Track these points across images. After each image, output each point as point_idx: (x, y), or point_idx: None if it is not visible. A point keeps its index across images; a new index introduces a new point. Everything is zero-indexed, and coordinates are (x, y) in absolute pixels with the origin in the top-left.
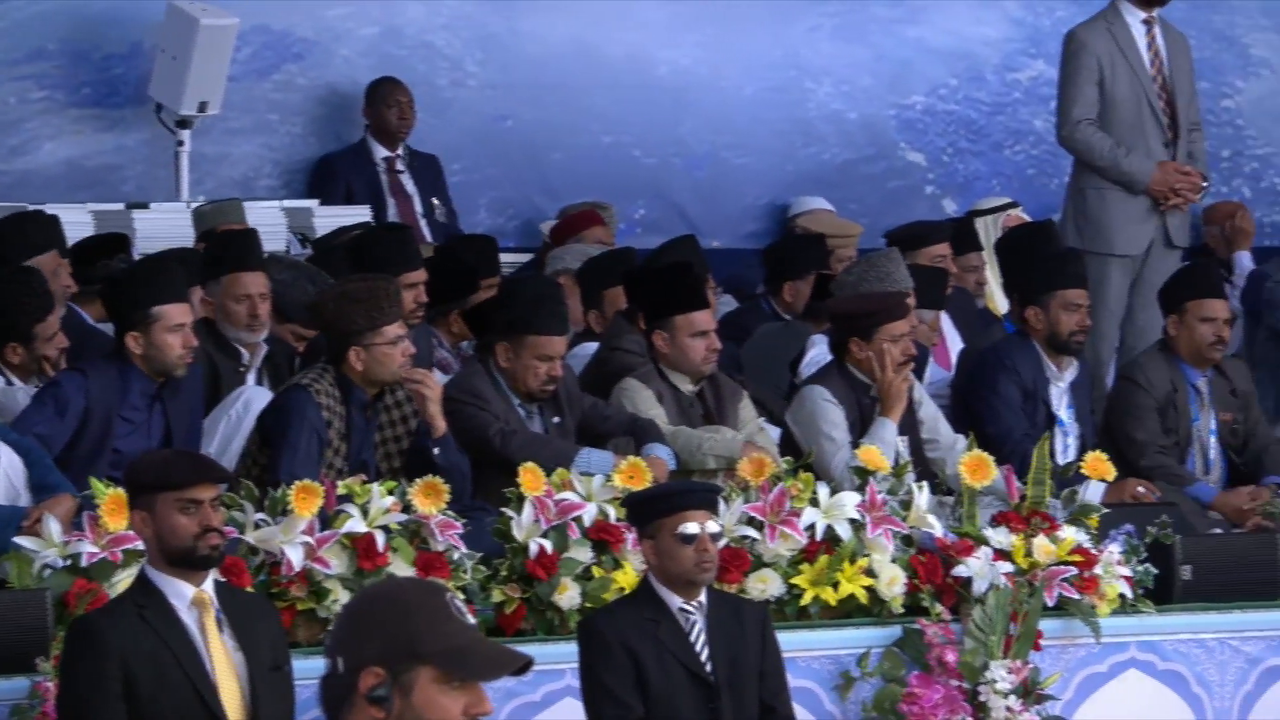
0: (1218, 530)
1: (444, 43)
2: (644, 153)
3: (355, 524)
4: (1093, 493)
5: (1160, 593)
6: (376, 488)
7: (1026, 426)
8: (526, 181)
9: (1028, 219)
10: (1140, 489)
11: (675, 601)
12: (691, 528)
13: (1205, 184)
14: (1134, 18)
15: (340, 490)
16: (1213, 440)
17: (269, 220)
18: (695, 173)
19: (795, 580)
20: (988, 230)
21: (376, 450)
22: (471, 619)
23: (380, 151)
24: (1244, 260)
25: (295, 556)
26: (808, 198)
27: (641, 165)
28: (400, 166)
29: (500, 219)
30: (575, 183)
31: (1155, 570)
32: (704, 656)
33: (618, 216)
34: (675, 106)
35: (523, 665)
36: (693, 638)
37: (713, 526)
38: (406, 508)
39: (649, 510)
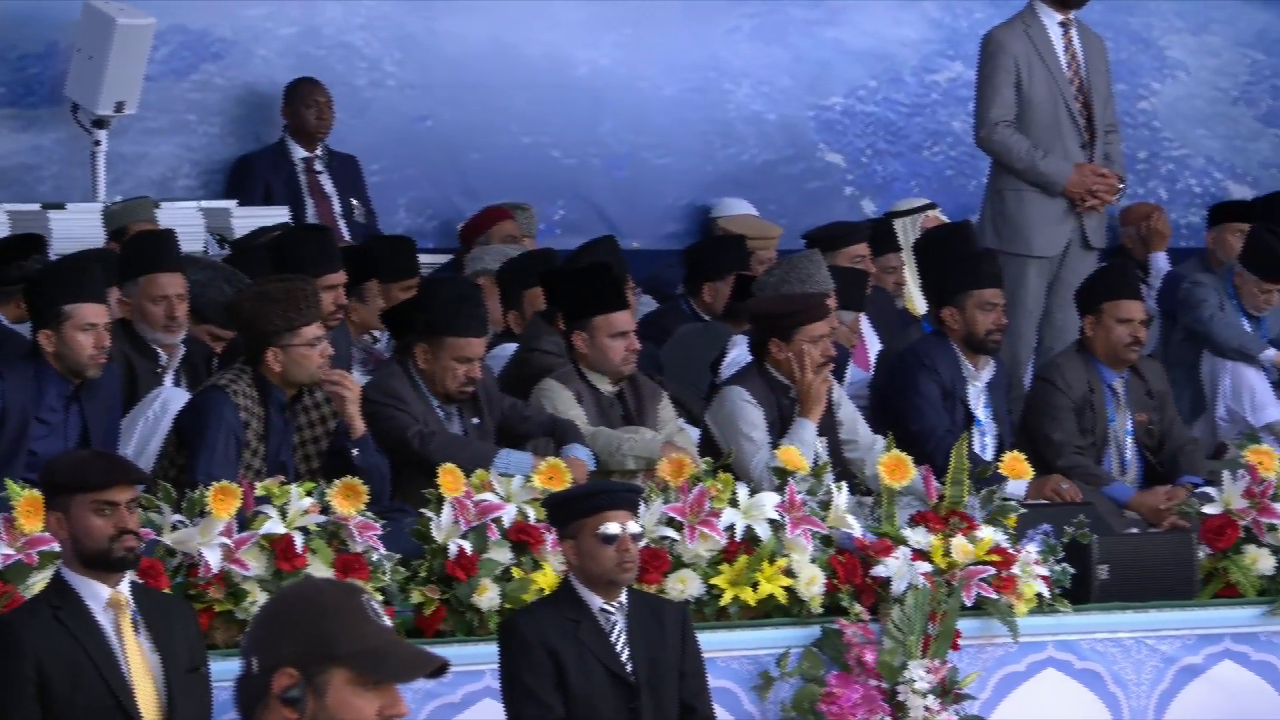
0: (1134, 530)
1: (362, 43)
2: (563, 153)
3: (273, 525)
4: (1014, 487)
5: (1077, 592)
6: (295, 489)
7: (947, 424)
8: (445, 182)
9: (946, 220)
10: (1064, 485)
11: (596, 602)
12: (613, 528)
13: (1122, 185)
14: (1051, 20)
15: (258, 491)
16: (1129, 440)
17: (186, 221)
18: (615, 173)
19: (714, 580)
20: (906, 231)
21: (295, 451)
22: (388, 621)
23: (299, 152)
24: (1160, 261)
25: (213, 558)
26: (730, 199)
27: (561, 166)
28: (319, 167)
29: (419, 219)
30: (494, 183)
31: (1072, 570)
32: (624, 657)
33: (537, 217)
34: (594, 107)
35: (438, 667)
36: (613, 638)
37: (634, 527)
38: (325, 509)
39: (570, 511)
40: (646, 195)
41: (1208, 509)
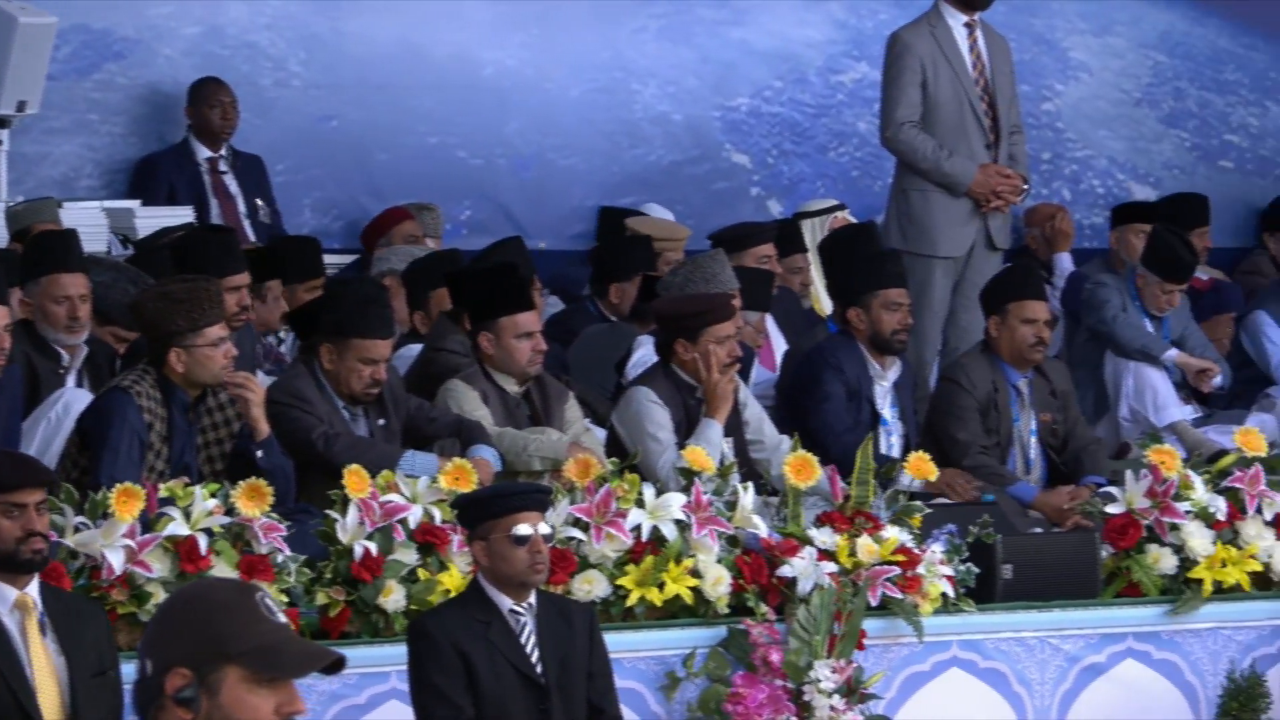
0: (1038, 530)
1: (268, 42)
2: (470, 153)
3: (177, 527)
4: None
5: (981, 592)
6: (199, 490)
7: (851, 424)
8: (351, 182)
9: (854, 221)
10: (960, 481)
11: (505, 603)
12: (525, 529)
13: (1026, 186)
14: (956, 21)
15: (162, 493)
16: (1033, 440)
17: (90, 221)
18: (521, 174)
19: (621, 581)
20: (813, 232)
21: (199, 453)
22: (284, 618)
23: (203, 152)
24: (1064, 262)
25: (116, 560)
26: (651, 205)
27: (467, 166)
28: (223, 167)
29: (325, 219)
30: (401, 183)
31: (977, 569)
32: (534, 658)
33: (443, 217)
34: (501, 107)
35: (333, 662)
36: (523, 639)
37: (544, 528)
38: (229, 510)
39: (482, 512)
40: (553, 196)
41: (1111, 509)
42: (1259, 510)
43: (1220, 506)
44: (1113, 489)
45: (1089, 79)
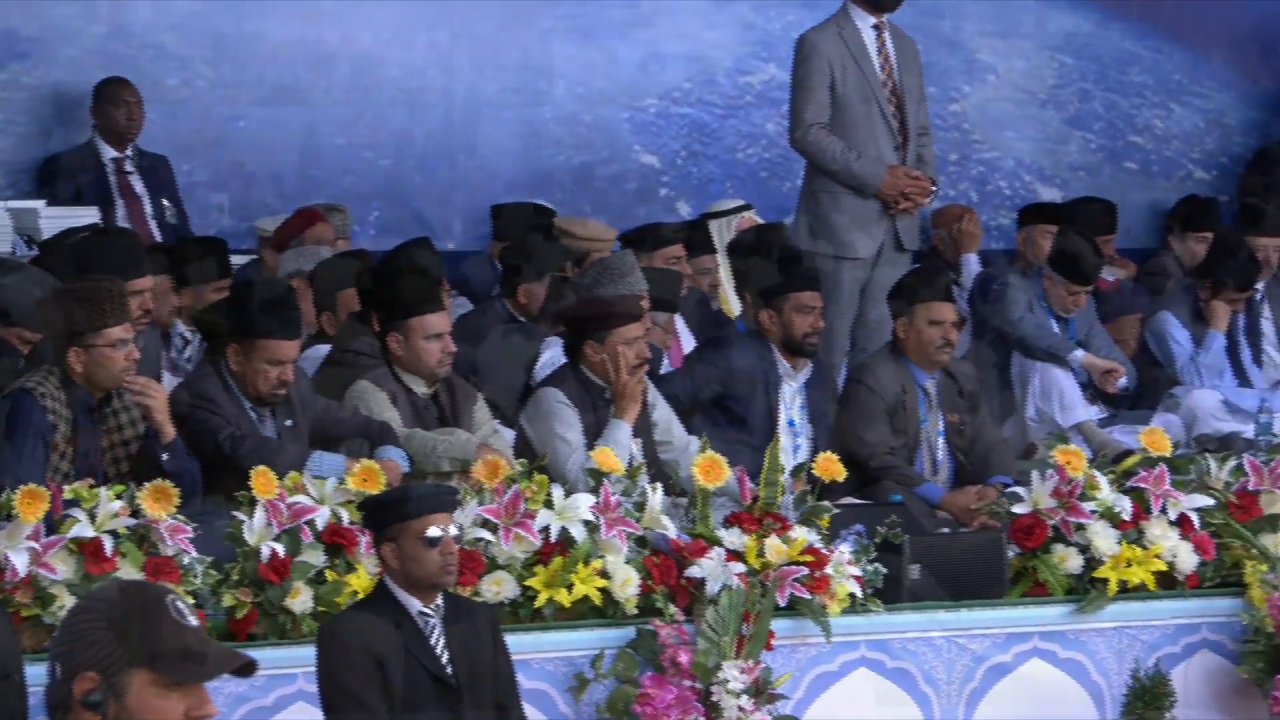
0: (945, 530)
1: (174, 42)
2: (378, 154)
3: (82, 529)
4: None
5: (889, 592)
6: (104, 492)
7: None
8: (259, 183)
9: (761, 221)
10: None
11: (414, 605)
12: (436, 530)
13: (934, 188)
14: (864, 23)
15: (67, 494)
16: (940, 441)
17: None
18: (430, 175)
19: (529, 582)
20: (721, 232)
21: (104, 454)
22: (195, 620)
23: (109, 152)
24: (971, 263)
25: (20, 562)
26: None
27: (376, 167)
28: (129, 167)
29: (232, 221)
30: (309, 184)
31: (884, 570)
32: (445, 659)
33: (352, 218)
34: (410, 108)
35: (242, 665)
36: (433, 640)
37: (454, 529)
38: (135, 512)
39: (391, 513)
40: (462, 197)
41: (1017, 509)
42: (1164, 510)
43: (1125, 506)
44: (1019, 489)
45: (995, 81)
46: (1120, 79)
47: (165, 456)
